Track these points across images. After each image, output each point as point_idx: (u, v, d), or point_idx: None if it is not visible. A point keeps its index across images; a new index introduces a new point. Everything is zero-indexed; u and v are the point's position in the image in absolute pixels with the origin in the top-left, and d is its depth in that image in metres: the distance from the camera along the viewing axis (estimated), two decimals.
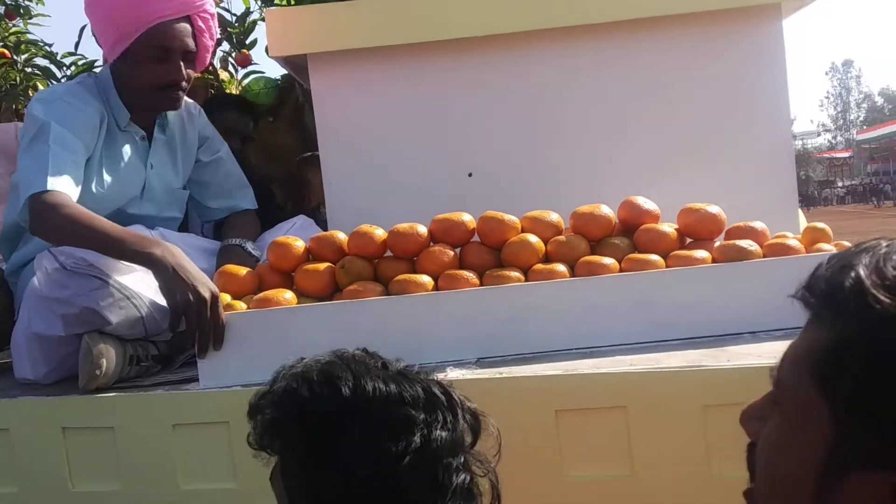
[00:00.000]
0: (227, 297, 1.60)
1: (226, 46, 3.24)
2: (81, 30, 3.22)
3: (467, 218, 1.68)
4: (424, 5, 2.02)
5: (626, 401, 1.35)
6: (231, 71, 3.29)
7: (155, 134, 2.09)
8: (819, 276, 0.67)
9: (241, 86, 3.20)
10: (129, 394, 1.55)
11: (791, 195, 2.11)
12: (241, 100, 2.96)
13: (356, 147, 2.12)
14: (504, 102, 2.09)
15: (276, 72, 3.24)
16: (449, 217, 1.68)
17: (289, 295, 1.59)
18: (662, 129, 2.07)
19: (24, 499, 1.57)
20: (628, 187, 1.84)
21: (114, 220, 1.70)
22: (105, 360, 1.53)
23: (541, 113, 2.09)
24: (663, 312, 1.52)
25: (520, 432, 1.33)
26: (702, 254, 1.58)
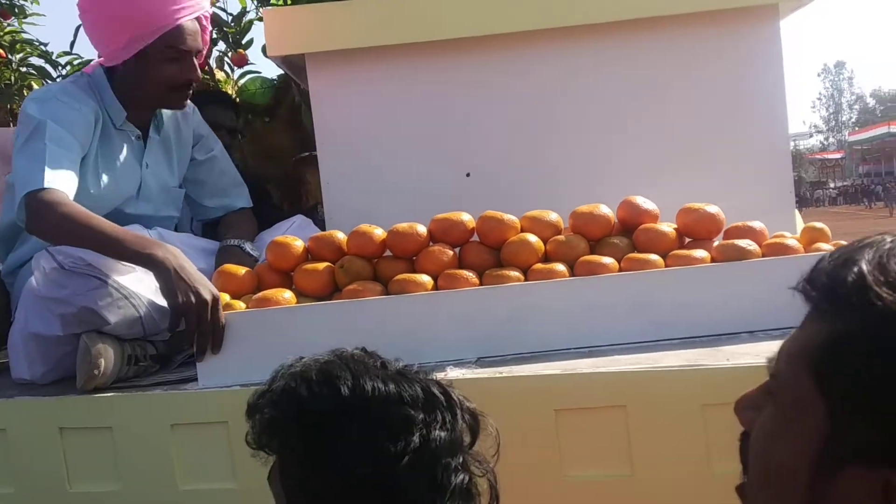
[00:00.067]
0: (226, 297, 1.60)
1: (222, 46, 3.22)
2: (77, 29, 3.19)
3: (466, 217, 1.68)
4: (422, 5, 2.02)
5: (626, 400, 1.35)
6: (227, 71, 3.28)
7: (150, 133, 2.09)
8: (821, 269, 0.66)
9: (238, 86, 3.18)
10: (128, 394, 1.54)
11: (788, 195, 2.12)
12: (223, 94, 2.96)
13: (354, 147, 2.11)
14: (502, 102, 2.09)
15: (272, 72, 3.24)
16: (448, 217, 1.67)
17: (288, 294, 1.59)
18: (660, 129, 2.07)
19: (22, 499, 1.56)
20: (626, 187, 1.84)
21: (112, 220, 1.69)
22: (103, 359, 1.53)
23: (539, 113, 2.09)
24: (662, 312, 1.52)
25: (519, 432, 1.33)
26: (701, 253, 1.58)
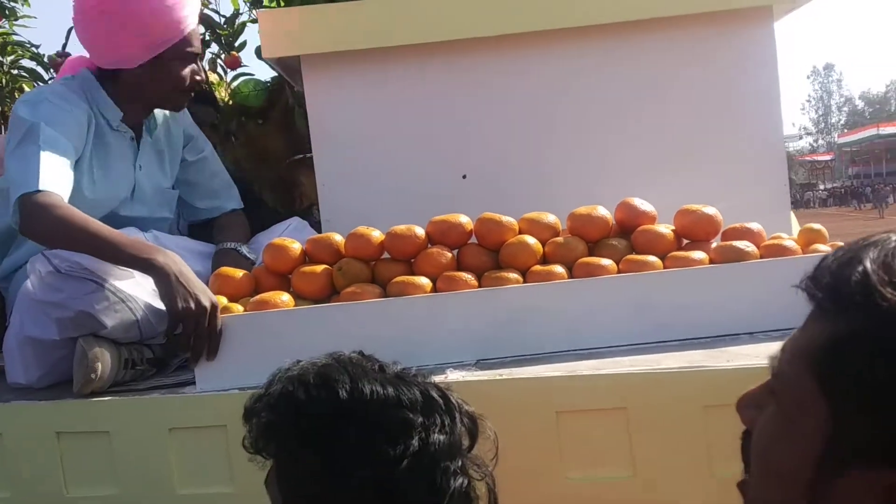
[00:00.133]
0: (223, 300, 1.59)
1: (214, 48, 3.21)
2: (69, 31, 3.18)
3: (465, 219, 1.67)
4: (418, 7, 2.01)
5: (627, 402, 1.35)
6: (220, 73, 3.27)
7: (143, 134, 2.08)
8: (825, 268, 0.66)
9: (230, 88, 3.17)
10: (125, 398, 1.53)
11: (783, 196, 2.12)
12: (202, 90, 2.95)
13: (350, 149, 2.11)
14: (498, 104, 2.09)
15: (265, 74, 3.22)
16: (446, 219, 1.67)
17: (286, 297, 1.58)
18: (656, 131, 2.07)
19: None
20: (622, 188, 1.84)
21: (107, 223, 1.67)
22: (100, 363, 1.51)
23: (534, 115, 2.09)
24: (662, 313, 1.52)
25: (520, 434, 1.33)
26: (699, 255, 1.58)
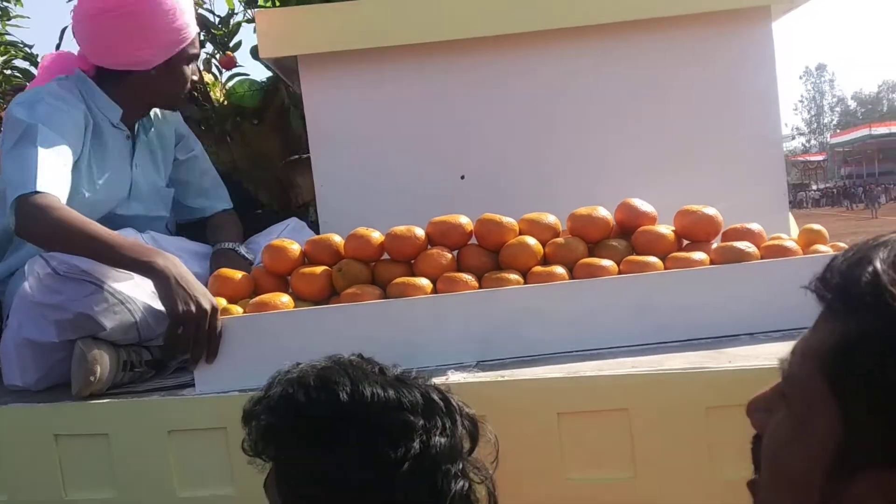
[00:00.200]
0: (222, 301, 1.58)
1: (209, 48, 3.20)
2: (63, 31, 3.16)
3: (465, 220, 1.67)
4: (416, 7, 2.00)
5: (629, 403, 1.35)
6: (215, 73, 3.25)
7: (138, 133, 2.09)
8: (834, 268, 0.66)
9: (226, 88, 3.16)
10: (124, 400, 1.52)
11: (781, 197, 2.12)
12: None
13: (348, 149, 2.10)
14: (496, 104, 2.08)
15: (260, 74, 3.20)
16: (446, 219, 1.66)
17: (285, 299, 1.57)
18: (654, 131, 2.07)
19: None
20: (621, 189, 1.84)
21: (105, 223, 1.67)
22: (99, 366, 1.50)
23: (533, 115, 2.08)
24: (663, 314, 1.51)
25: (522, 435, 1.32)
26: (700, 255, 1.57)
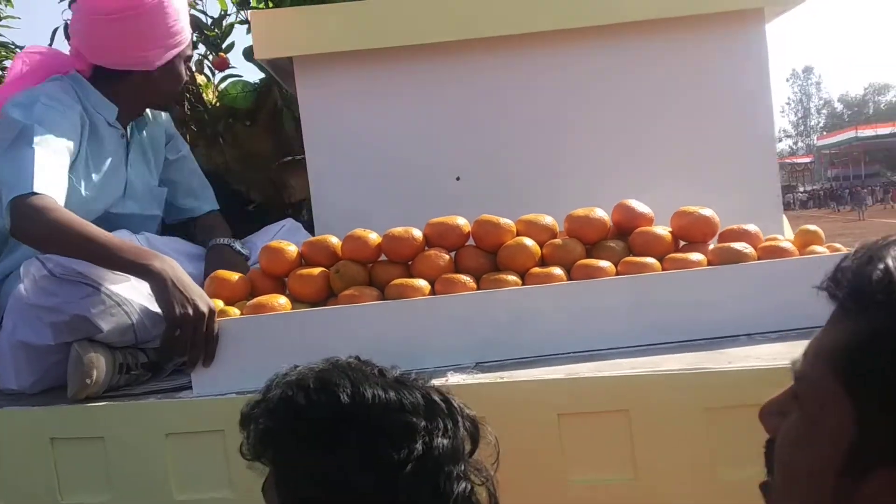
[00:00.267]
0: (220, 303, 1.57)
1: (202, 49, 3.18)
2: (54, 32, 3.14)
3: (462, 221, 1.66)
4: (412, 9, 2.00)
5: (629, 404, 1.35)
6: (207, 74, 3.24)
7: (132, 132, 2.09)
8: (845, 267, 0.66)
9: (218, 90, 3.15)
10: (121, 403, 1.51)
11: (775, 198, 2.13)
12: None
13: (343, 151, 2.09)
14: (492, 105, 2.08)
15: (253, 76, 3.19)
16: (444, 221, 1.66)
17: (283, 300, 1.57)
18: (650, 134, 2.07)
19: None
20: (617, 191, 1.83)
21: (101, 222, 1.66)
22: (96, 368, 1.49)
23: (528, 117, 2.08)
24: (661, 315, 1.52)
25: (522, 436, 1.32)
26: (697, 256, 1.58)
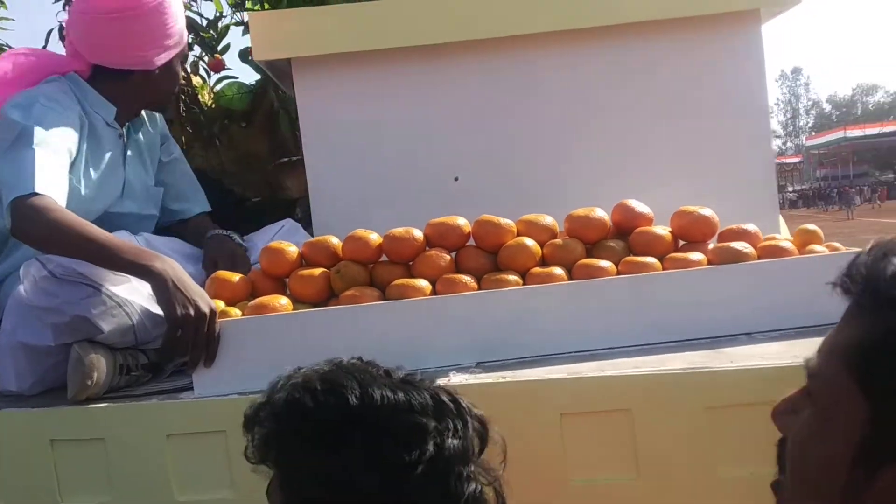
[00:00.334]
0: (221, 304, 1.57)
1: (197, 51, 3.17)
2: (49, 33, 3.12)
3: (462, 222, 1.66)
4: (410, 10, 2.00)
5: (631, 403, 1.35)
6: (203, 76, 3.23)
7: (129, 132, 2.09)
8: (859, 263, 0.66)
9: (214, 91, 3.14)
10: (121, 404, 1.50)
11: (772, 198, 2.14)
12: None
13: (341, 152, 2.09)
14: (490, 106, 2.08)
15: (249, 77, 3.19)
16: (444, 221, 1.66)
17: (284, 301, 1.56)
18: (647, 134, 2.08)
19: None
20: (615, 191, 1.84)
21: (100, 222, 1.66)
22: (97, 370, 1.49)
23: (526, 117, 2.09)
24: (662, 314, 1.52)
25: (524, 436, 1.32)
26: (697, 256, 1.58)
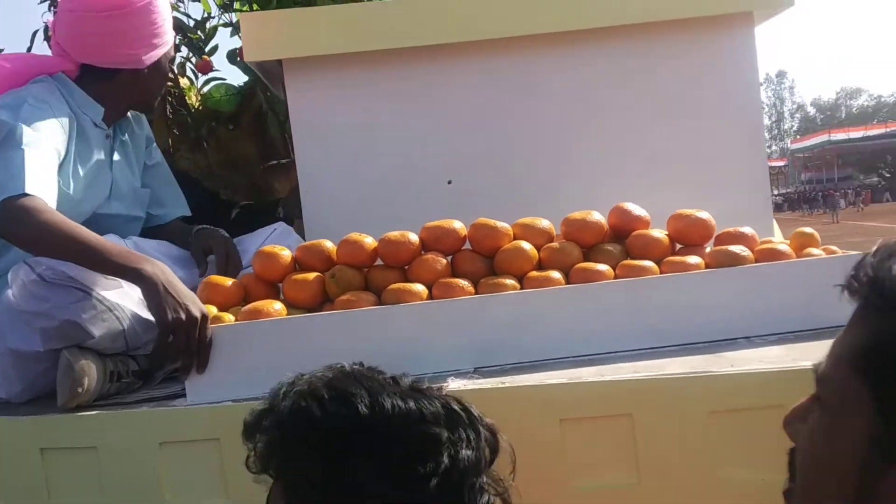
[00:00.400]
0: (213, 309, 1.54)
1: (185, 52, 3.14)
2: (34, 34, 3.09)
3: (458, 225, 1.65)
4: (403, 11, 1.99)
5: (631, 408, 1.34)
6: (190, 77, 3.20)
7: (116, 133, 2.07)
8: (866, 264, 0.66)
9: (201, 93, 3.11)
10: (113, 411, 1.48)
11: (765, 201, 2.14)
12: None
13: (333, 154, 2.07)
14: (484, 108, 2.07)
15: (237, 79, 3.17)
16: (440, 224, 1.64)
17: (278, 306, 1.54)
18: (642, 137, 2.07)
19: None
20: (611, 194, 1.83)
21: (89, 223, 1.63)
22: (87, 376, 1.46)
23: (521, 119, 2.08)
24: (661, 318, 1.51)
25: (524, 442, 1.29)
26: (694, 259, 1.57)
